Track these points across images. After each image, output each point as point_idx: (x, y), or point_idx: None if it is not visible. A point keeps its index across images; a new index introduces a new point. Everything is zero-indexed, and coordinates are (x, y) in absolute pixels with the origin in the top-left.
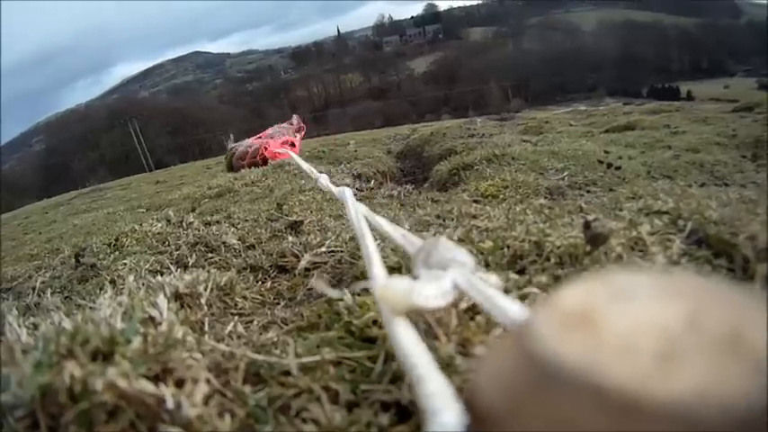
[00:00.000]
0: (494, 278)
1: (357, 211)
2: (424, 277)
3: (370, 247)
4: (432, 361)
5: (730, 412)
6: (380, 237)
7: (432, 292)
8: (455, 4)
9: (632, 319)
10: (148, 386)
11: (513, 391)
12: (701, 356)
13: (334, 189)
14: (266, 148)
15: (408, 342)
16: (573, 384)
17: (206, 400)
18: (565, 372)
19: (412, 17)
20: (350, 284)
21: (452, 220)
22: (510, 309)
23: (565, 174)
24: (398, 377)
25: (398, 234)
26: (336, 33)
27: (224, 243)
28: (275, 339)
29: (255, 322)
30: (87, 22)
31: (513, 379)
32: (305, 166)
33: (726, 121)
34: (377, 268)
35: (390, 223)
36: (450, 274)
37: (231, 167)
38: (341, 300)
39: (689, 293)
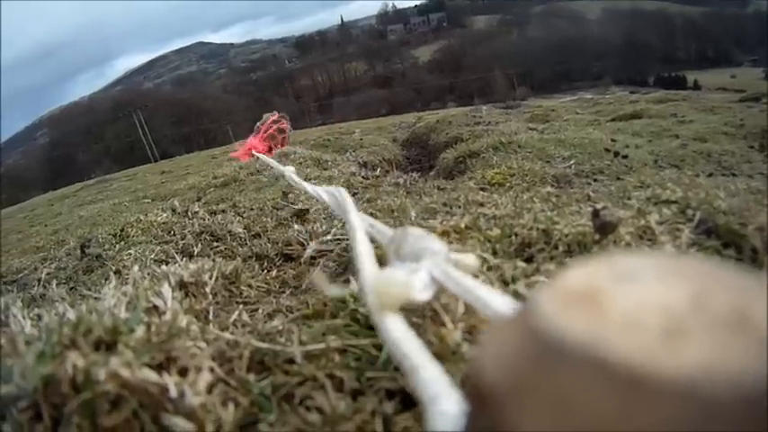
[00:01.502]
0: (471, 258)
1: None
2: (399, 269)
3: (359, 240)
4: (424, 349)
5: (737, 387)
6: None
7: (419, 284)
8: None
9: (637, 298)
10: (151, 375)
11: (516, 368)
12: (706, 334)
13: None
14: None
15: (399, 331)
16: (577, 358)
17: (209, 389)
18: (568, 346)
19: (416, 6)
20: (353, 277)
21: (459, 207)
22: (490, 298)
23: (572, 162)
24: None
25: (366, 224)
26: (340, 22)
27: (229, 232)
28: (280, 327)
29: (261, 311)
30: (89, 16)
31: (516, 356)
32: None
33: (733, 110)
34: (368, 262)
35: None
36: (424, 266)
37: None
38: (340, 297)
39: (694, 275)
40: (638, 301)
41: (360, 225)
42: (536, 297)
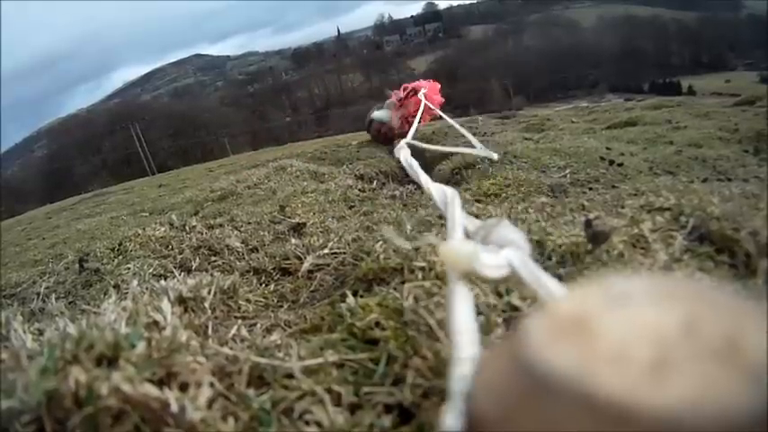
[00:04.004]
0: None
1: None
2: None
3: (457, 208)
4: (476, 343)
5: (722, 421)
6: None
7: (491, 261)
8: (455, 3)
9: (627, 326)
10: (153, 390)
11: (504, 399)
12: (696, 365)
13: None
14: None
15: (462, 319)
16: (563, 393)
17: (210, 404)
18: (555, 380)
19: (412, 16)
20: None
21: None
22: (558, 294)
23: (567, 171)
24: (401, 379)
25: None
26: (336, 34)
27: (227, 246)
28: (279, 342)
29: (259, 325)
30: (87, 28)
31: (507, 387)
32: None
33: (727, 115)
34: (457, 231)
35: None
36: (506, 252)
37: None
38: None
39: (688, 298)
40: (628, 330)
41: (460, 214)
42: (527, 325)
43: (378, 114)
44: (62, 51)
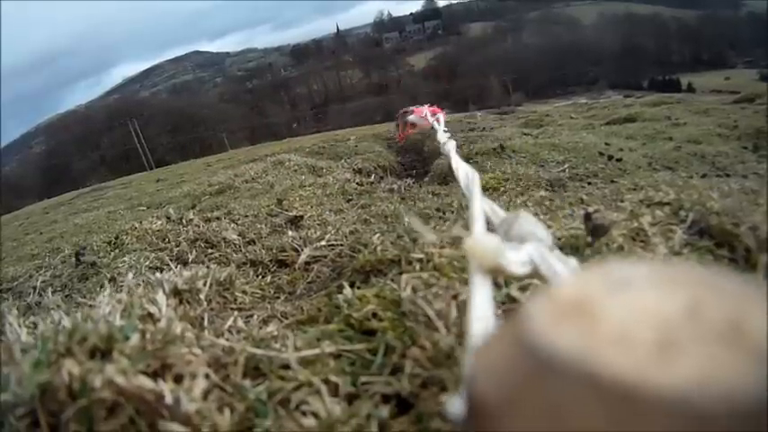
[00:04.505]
0: (573, 261)
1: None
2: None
3: (477, 202)
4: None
5: (729, 402)
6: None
7: (516, 258)
8: (454, 0)
9: (630, 308)
10: (147, 382)
11: (508, 381)
12: (700, 346)
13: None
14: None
15: (481, 307)
16: (568, 373)
17: (205, 395)
18: (560, 361)
19: (411, 13)
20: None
21: (452, 212)
22: None
23: (565, 166)
24: (399, 369)
25: (487, 206)
26: (335, 30)
27: (224, 239)
28: (275, 333)
29: (255, 317)
30: (87, 24)
31: (510, 369)
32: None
33: (727, 112)
34: (478, 224)
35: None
36: (527, 248)
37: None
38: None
39: (690, 283)
40: (631, 313)
41: (480, 206)
42: (529, 308)
43: (412, 118)
44: (62, 48)
